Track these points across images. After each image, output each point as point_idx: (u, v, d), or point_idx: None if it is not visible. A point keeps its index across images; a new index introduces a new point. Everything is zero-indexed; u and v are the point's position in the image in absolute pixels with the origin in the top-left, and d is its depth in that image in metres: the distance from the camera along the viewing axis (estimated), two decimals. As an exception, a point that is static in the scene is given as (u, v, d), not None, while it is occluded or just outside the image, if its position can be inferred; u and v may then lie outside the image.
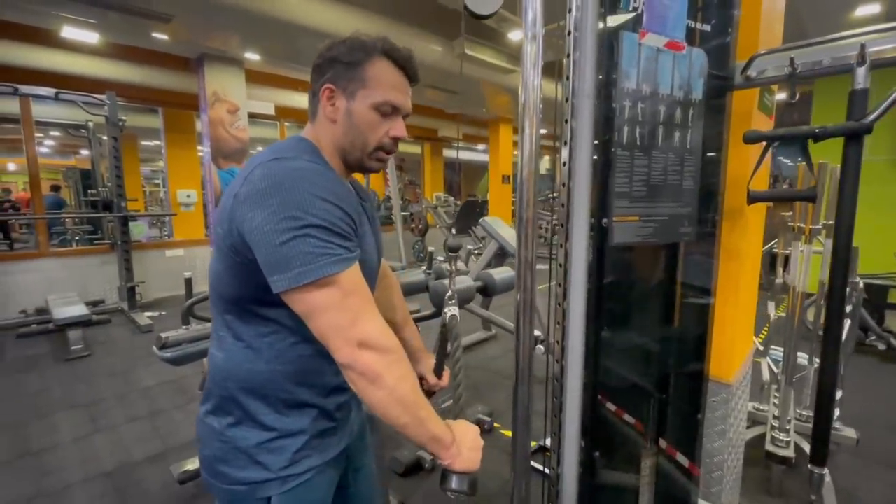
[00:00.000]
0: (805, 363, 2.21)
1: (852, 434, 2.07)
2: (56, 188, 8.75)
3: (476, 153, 12.77)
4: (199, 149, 6.21)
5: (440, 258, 2.71)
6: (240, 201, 0.68)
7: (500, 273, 2.31)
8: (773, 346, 2.41)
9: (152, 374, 3.24)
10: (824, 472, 1.09)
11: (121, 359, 3.60)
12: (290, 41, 4.11)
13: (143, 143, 9.68)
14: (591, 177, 1.04)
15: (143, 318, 4.50)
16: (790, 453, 1.92)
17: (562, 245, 1.08)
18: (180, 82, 5.23)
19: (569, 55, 1.01)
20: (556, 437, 1.17)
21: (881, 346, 3.61)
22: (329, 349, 0.66)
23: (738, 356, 1.52)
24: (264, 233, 0.65)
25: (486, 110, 8.01)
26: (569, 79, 1.01)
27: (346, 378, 0.67)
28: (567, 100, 1.03)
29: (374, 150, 0.81)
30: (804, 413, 2.20)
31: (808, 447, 1.89)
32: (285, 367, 0.76)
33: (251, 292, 0.72)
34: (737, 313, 1.47)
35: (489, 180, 10.13)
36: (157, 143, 6.31)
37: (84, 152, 9.23)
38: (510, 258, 3.13)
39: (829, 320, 1.06)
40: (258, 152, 0.81)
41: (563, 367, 1.12)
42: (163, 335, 1.74)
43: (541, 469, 1.24)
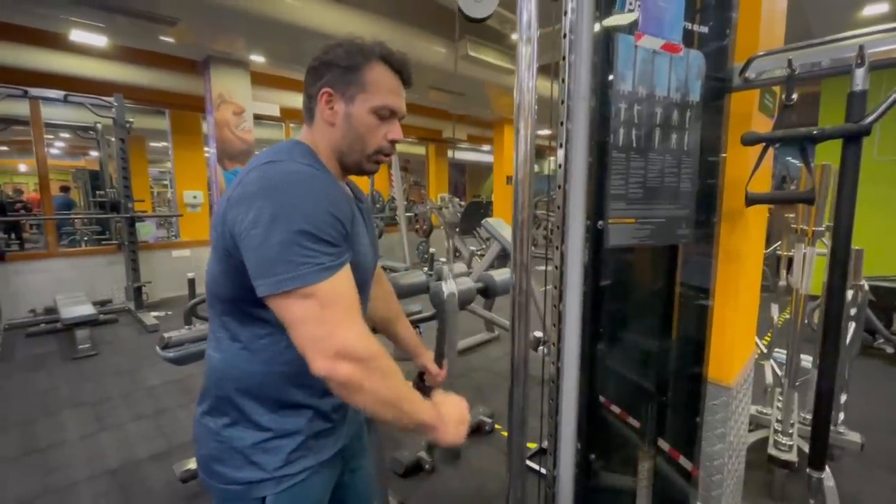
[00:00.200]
0: (809, 366, 2.19)
1: (857, 438, 2.04)
2: (66, 189, 8.87)
3: (481, 154, 12.76)
4: (205, 150, 6.28)
5: (442, 259, 2.71)
6: (232, 204, 0.69)
7: (502, 274, 2.31)
8: (778, 348, 2.39)
9: (157, 373, 3.28)
10: (823, 476, 1.08)
11: (127, 358, 3.64)
12: (295, 43, 4.14)
13: (151, 144, 9.77)
14: (586, 179, 1.04)
15: (150, 317, 4.55)
16: (793, 457, 1.91)
17: (558, 247, 1.08)
18: (187, 84, 5.28)
19: (564, 57, 1.01)
20: (552, 439, 1.17)
21: (889, 350, 3.56)
22: (306, 361, 0.65)
23: (738, 359, 1.50)
24: (251, 236, 0.66)
25: (490, 111, 8.00)
26: (564, 81, 1.02)
27: (329, 387, 0.67)
28: (563, 102, 1.03)
29: (373, 153, 0.82)
30: (808, 417, 2.17)
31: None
32: (281, 368, 0.76)
33: (247, 294, 0.72)
34: (737, 315, 1.46)
35: (494, 181, 10.12)
36: (165, 144, 6.36)
37: (93, 154, 9.34)
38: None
39: (827, 323, 1.05)
40: (260, 153, 0.82)
41: (559, 369, 1.12)
42: (166, 335, 1.77)
43: (540, 471, 1.24)
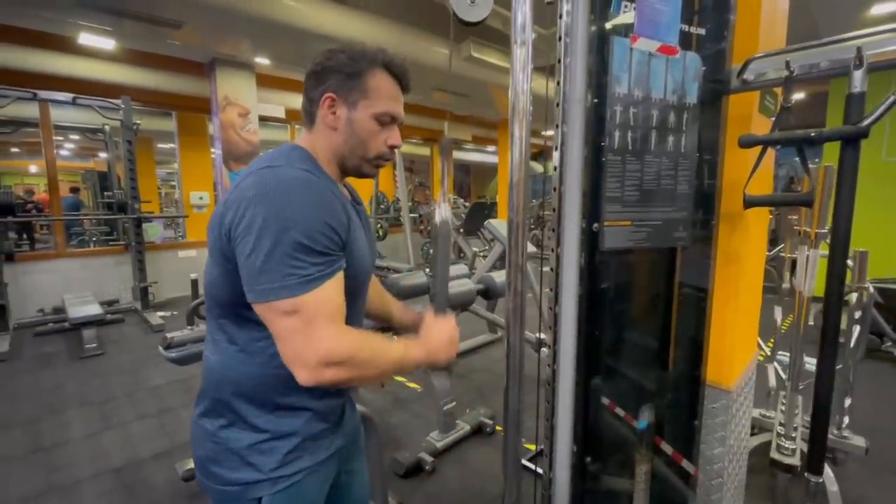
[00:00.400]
0: (812, 369, 2.16)
1: (861, 442, 2.02)
2: (75, 190, 8.98)
3: (486, 155, 12.76)
4: (211, 151, 6.33)
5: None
6: (228, 208, 0.70)
7: (502, 276, 2.31)
8: (781, 351, 2.36)
9: (162, 372, 3.31)
10: (820, 480, 1.07)
11: (132, 357, 3.68)
12: (300, 45, 4.16)
13: (159, 146, 9.86)
14: (581, 181, 1.04)
15: (156, 317, 4.59)
16: (796, 461, 1.88)
17: (553, 249, 1.09)
18: (193, 86, 5.33)
19: (560, 60, 1.02)
20: (548, 441, 1.17)
21: (896, 352, 3.52)
22: (294, 374, 0.68)
23: (738, 362, 1.49)
24: (244, 243, 0.67)
25: (495, 112, 8.00)
26: (560, 84, 1.02)
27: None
28: (558, 105, 1.03)
29: (374, 157, 0.84)
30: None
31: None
32: (278, 370, 0.77)
33: (244, 298, 0.73)
34: (737, 318, 1.45)
35: (498, 182, 10.12)
36: (173, 146, 6.43)
37: (102, 155, 9.45)
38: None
39: (826, 327, 1.04)
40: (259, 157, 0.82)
41: (555, 371, 1.12)
42: (168, 335, 1.79)
43: (539, 472, 1.24)
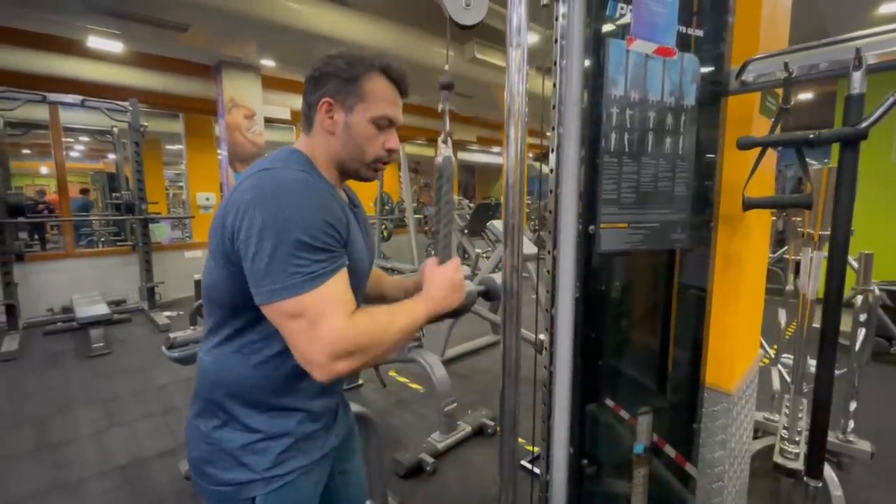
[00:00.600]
0: (817, 372, 2.14)
1: (867, 447, 1.99)
2: (85, 191, 9.09)
3: (491, 156, 12.75)
4: (218, 153, 6.38)
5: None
6: (229, 211, 0.71)
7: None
8: (786, 354, 2.34)
9: (167, 372, 3.33)
10: (819, 484, 1.06)
11: (139, 357, 3.72)
12: (305, 47, 4.19)
13: (167, 147, 9.96)
14: (578, 184, 1.04)
15: (162, 317, 4.64)
16: (799, 465, 1.86)
17: (549, 251, 1.09)
18: (200, 88, 5.38)
19: (556, 62, 1.02)
20: (545, 444, 1.17)
21: (905, 356, 3.47)
22: (309, 373, 0.70)
23: (739, 365, 1.48)
24: (247, 245, 0.68)
25: (499, 113, 8.00)
26: (555, 86, 1.02)
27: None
28: (554, 107, 1.04)
29: (372, 161, 0.84)
30: (816, 424, 2.13)
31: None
32: (273, 372, 0.78)
33: (242, 300, 0.74)
34: (738, 320, 1.43)
35: (503, 183, 10.08)
36: (181, 147, 6.50)
37: (111, 156, 9.55)
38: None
39: (825, 330, 1.03)
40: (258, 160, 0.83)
41: (551, 373, 1.12)
42: (171, 335, 1.80)
43: (535, 472, 1.24)
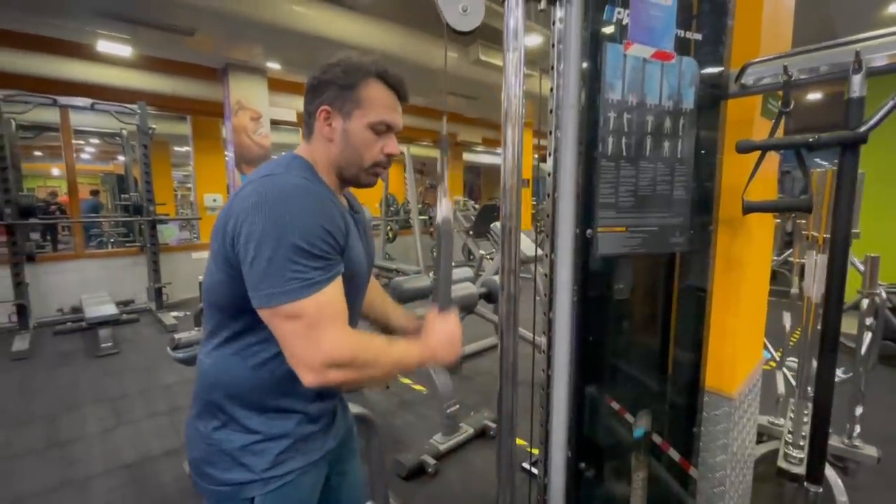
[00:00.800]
0: (823, 376, 2.11)
1: (873, 452, 1.97)
2: (95, 193, 9.21)
3: (497, 157, 12.74)
4: (225, 154, 6.44)
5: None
6: (230, 216, 0.72)
7: (506, 279, 2.31)
8: (791, 357, 2.32)
9: (174, 372, 3.37)
10: (820, 490, 1.05)
11: (146, 356, 3.76)
12: (310, 51, 4.22)
13: (175, 149, 10.08)
14: (575, 187, 1.05)
15: (169, 317, 4.69)
16: (803, 470, 1.85)
17: (547, 255, 1.09)
18: (207, 91, 5.44)
19: (553, 67, 1.02)
20: (543, 446, 1.17)
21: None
22: (298, 376, 0.71)
23: (741, 368, 1.47)
24: (247, 249, 0.69)
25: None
26: (552, 90, 1.03)
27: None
28: (552, 111, 1.04)
29: (370, 166, 0.85)
30: (822, 428, 2.10)
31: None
32: (270, 375, 0.79)
33: (242, 303, 0.75)
34: (739, 323, 1.43)
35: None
36: (189, 149, 6.57)
37: (121, 158, 9.68)
38: (522, 264, 3.11)
39: (824, 331, 1.03)
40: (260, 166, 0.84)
41: (549, 377, 1.13)
42: (176, 336, 1.83)
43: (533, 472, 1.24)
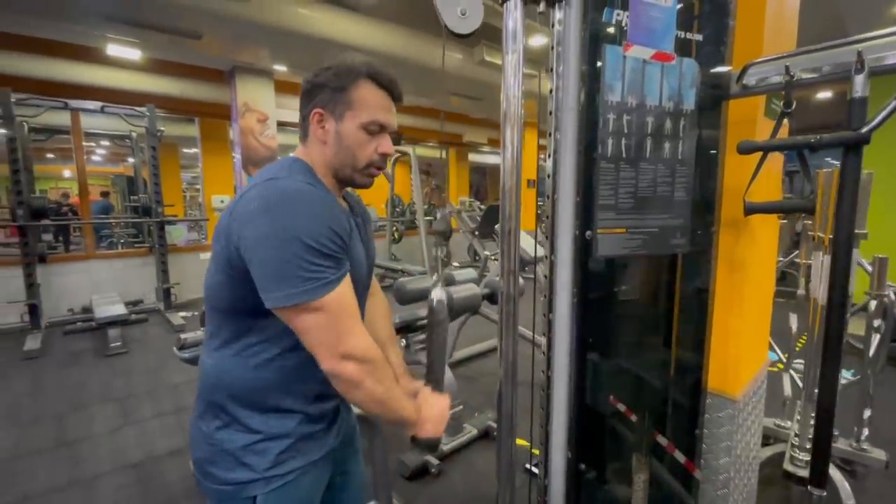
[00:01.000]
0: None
1: (882, 456, 1.95)
2: (106, 194, 9.34)
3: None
4: (233, 156, 6.50)
5: (455, 263, 2.72)
6: (234, 219, 0.73)
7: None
8: (798, 359, 2.30)
9: (181, 371, 3.40)
10: (824, 493, 1.05)
11: (154, 356, 3.80)
12: (316, 53, 4.25)
13: (184, 150, 10.18)
14: (575, 189, 1.05)
15: (177, 317, 4.75)
16: (810, 473, 1.83)
17: (547, 256, 1.09)
18: (214, 93, 5.50)
19: (552, 69, 1.02)
20: (543, 447, 1.17)
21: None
22: (317, 359, 0.74)
23: (745, 370, 1.46)
24: (257, 251, 0.70)
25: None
26: (552, 92, 1.03)
27: (332, 382, 0.76)
28: (551, 112, 1.04)
29: (364, 166, 0.85)
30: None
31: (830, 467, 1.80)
32: (271, 375, 0.80)
33: (243, 305, 0.76)
34: (743, 325, 1.42)
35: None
36: (197, 151, 6.64)
37: (131, 160, 9.81)
38: (526, 265, 3.10)
39: (827, 332, 1.02)
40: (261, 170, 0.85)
41: (549, 378, 1.13)
42: (182, 336, 1.85)
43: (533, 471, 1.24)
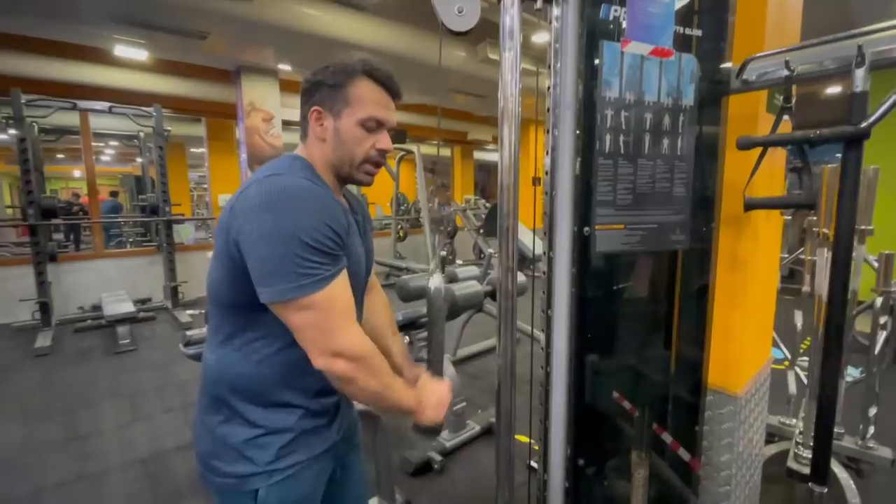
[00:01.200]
0: (836, 376, 2.08)
1: (888, 454, 1.93)
2: (114, 194, 9.46)
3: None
4: (239, 155, 6.55)
5: (459, 262, 2.73)
6: (235, 215, 0.75)
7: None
8: (803, 356, 2.28)
9: (188, 368, 3.44)
10: (825, 490, 1.04)
11: (162, 353, 3.85)
12: (321, 52, 4.27)
13: (191, 150, 10.27)
14: (573, 185, 1.05)
15: (185, 315, 4.80)
16: (814, 471, 1.82)
17: (545, 253, 1.09)
18: (220, 93, 5.54)
19: (550, 65, 1.03)
20: (542, 443, 1.18)
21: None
22: (309, 357, 0.75)
23: (747, 367, 1.46)
24: (255, 247, 0.72)
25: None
26: (549, 89, 1.03)
27: (328, 379, 0.77)
28: (549, 109, 1.04)
29: (362, 163, 0.86)
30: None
31: (834, 464, 1.79)
32: (272, 370, 0.81)
33: (244, 300, 0.78)
34: (745, 322, 1.41)
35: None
36: (204, 150, 6.70)
37: (139, 160, 9.91)
38: (530, 263, 3.10)
39: (827, 329, 1.01)
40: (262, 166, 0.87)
41: (548, 374, 1.13)
42: (188, 333, 1.87)
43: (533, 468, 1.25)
